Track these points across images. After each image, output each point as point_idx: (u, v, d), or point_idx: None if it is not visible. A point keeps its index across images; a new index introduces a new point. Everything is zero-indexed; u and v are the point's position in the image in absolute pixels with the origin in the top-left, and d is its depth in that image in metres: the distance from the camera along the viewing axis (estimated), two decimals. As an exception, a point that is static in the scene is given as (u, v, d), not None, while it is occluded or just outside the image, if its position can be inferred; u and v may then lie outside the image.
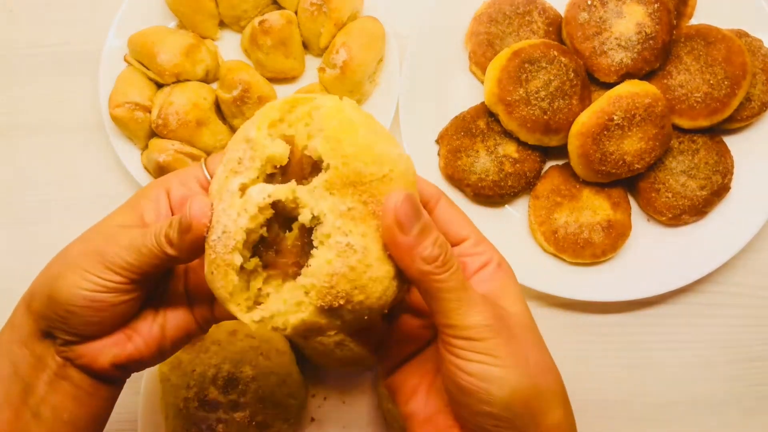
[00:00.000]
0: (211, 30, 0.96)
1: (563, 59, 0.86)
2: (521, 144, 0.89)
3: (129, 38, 0.91)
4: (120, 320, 0.50)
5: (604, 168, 0.85)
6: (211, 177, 0.52)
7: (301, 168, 0.45)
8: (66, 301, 0.47)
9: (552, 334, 0.90)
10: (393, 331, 0.52)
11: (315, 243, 0.43)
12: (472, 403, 0.44)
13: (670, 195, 0.87)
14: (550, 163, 0.93)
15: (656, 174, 0.88)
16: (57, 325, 0.48)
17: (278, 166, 0.45)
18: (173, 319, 0.52)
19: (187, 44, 0.90)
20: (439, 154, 0.92)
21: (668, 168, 0.88)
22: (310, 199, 0.43)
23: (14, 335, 0.50)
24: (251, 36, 0.91)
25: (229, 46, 0.97)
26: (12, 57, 1.00)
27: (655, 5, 0.85)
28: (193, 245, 0.45)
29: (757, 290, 0.92)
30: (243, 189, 0.44)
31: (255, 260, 0.45)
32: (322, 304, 0.42)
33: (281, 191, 0.43)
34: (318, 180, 0.43)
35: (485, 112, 0.91)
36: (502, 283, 0.49)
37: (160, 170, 0.87)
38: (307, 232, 0.44)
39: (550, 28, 0.92)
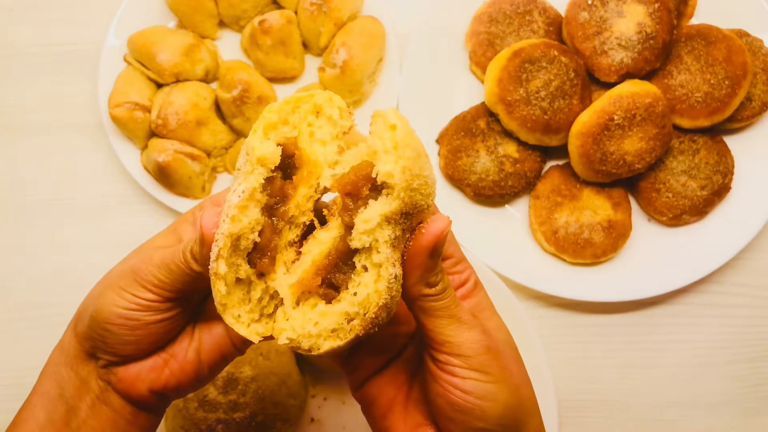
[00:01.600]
0: (211, 30, 0.95)
1: (563, 59, 0.86)
2: (521, 144, 0.89)
3: (129, 38, 0.91)
4: (156, 341, 0.50)
5: (604, 168, 0.85)
6: None
7: (310, 172, 0.44)
8: (104, 319, 0.48)
9: (552, 334, 0.91)
10: (367, 341, 0.52)
11: (358, 266, 0.42)
12: (466, 420, 0.45)
13: (670, 195, 0.87)
14: (550, 163, 0.92)
15: (657, 174, 0.88)
16: (98, 344, 0.49)
17: (274, 170, 0.43)
18: (209, 342, 0.51)
19: (187, 44, 0.90)
20: (439, 154, 0.92)
21: (669, 168, 0.88)
22: (366, 224, 0.41)
23: (62, 357, 0.51)
24: (251, 36, 0.91)
25: (228, 46, 0.97)
26: (12, 57, 1.00)
27: (656, 5, 0.85)
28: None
29: (757, 290, 0.92)
30: None
31: (247, 269, 0.43)
32: (362, 333, 0.42)
33: (251, 183, 0.42)
34: (379, 209, 0.41)
35: (485, 111, 0.91)
36: (478, 299, 0.50)
37: (159, 170, 0.87)
38: (341, 251, 0.43)
39: (551, 28, 0.92)
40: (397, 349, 0.52)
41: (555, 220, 0.88)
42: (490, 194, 0.89)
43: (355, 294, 0.42)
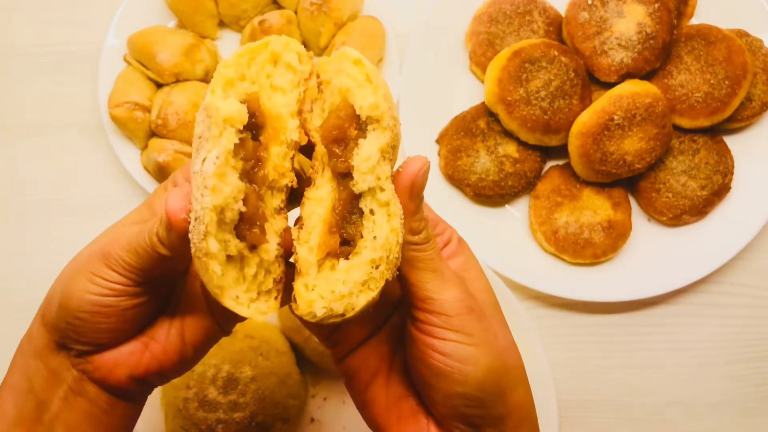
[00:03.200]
0: (211, 30, 0.95)
1: (563, 59, 0.86)
2: (521, 144, 0.89)
3: (128, 38, 0.91)
4: (132, 327, 0.47)
5: (604, 168, 0.85)
6: None
7: (276, 128, 0.40)
8: (75, 307, 0.45)
9: (552, 334, 0.91)
10: None
11: (366, 210, 0.39)
12: (446, 386, 0.44)
13: (670, 195, 0.87)
14: (550, 163, 0.92)
15: (657, 174, 0.88)
16: (69, 334, 0.46)
17: (243, 129, 0.39)
18: (192, 322, 0.48)
19: (187, 44, 0.90)
20: (439, 154, 0.92)
21: (669, 168, 0.88)
22: (368, 163, 0.39)
23: (30, 348, 0.48)
24: (251, 36, 0.91)
25: (228, 46, 0.97)
26: (12, 57, 1.00)
27: (656, 5, 0.85)
28: (181, 243, 0.41)
29: (757, 290, 0.92)
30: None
31: (237, 243, 0.39)
32: (390, 277, 0.39)
33: (224, 147, 0.37)
34: (375, 144, 0.38)
35: (485, 111, 0.91)
36: (464, 258, 0.48)
37: (159, 170, 0.87)
38: (345, 201, 0.40)
39: (551, 28, 0.92)
40: (381, 319, 0.50)
41: (555, 220, 0.88)
42: (490, 194, 0.89)
43: (374, 237, 0.39)
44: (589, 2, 0.87)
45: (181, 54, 0.89)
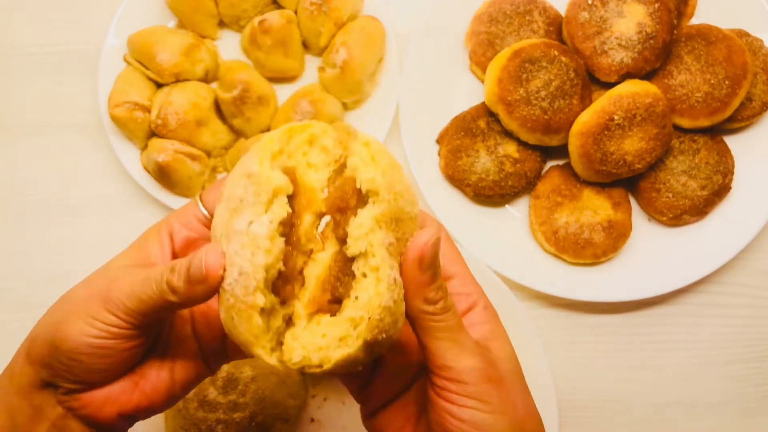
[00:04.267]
0: (211, 30, 0.95)
1: (564, 59, 0.86)
2: (521, 144, 0.89)
3: (128, 38, 0.91)
4: (125, 366, 0.48)
5: (604, 168, 0.85)
6: (208, 212, 0.51)
7: (309, 199, 0.45)
8: (72, 348, 0.45)
9: (552, 334, 0.90)
10: (379, 370, 0.51)
11: (358, 273, 0.43)
12: None
13: (670, 195, 0.87)
14: (550, 163, 0.92)
15: (657, 174, 0.88)
16: (61, 373, 0.46)
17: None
18: (182, 363, 0.50)
19: (187, 44, 0.90)
20: (439, 154, 0.92)
21: (669, 168, 0.88)
22: (360, 230, 0.43)
23: (13, 385, 0.48)
24: (251, 36, 0.91)
25: (228, 46, 0.97)
26: (12, 57, 1.00)
27: (656, 5, 0.85)
28: (204, 294, 0.44)
29: (757, 290, 0.92)
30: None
31: (272, 298, 0.43)
32: (370, 338, 0.42)
33: (278, 214, 0.43)
34: (369, 213, 0.43)
35: (485, 111, 0.91)
36: (491, 326, 0.49)
37: (159, 170, 0.87)
38: (340, 264, 0.44)
39: (551, 28, 0.92)
40: (408, 379, 0.51)
41: (555, 220, 0.88)
42: (490, 194, 0.89)
43: (357, 298, 0.42)
44: (589, 2, 0.87)
45: (181, 54, 0.89)
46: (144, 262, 0.49)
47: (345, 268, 0.44)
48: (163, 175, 0.87)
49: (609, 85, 0.87)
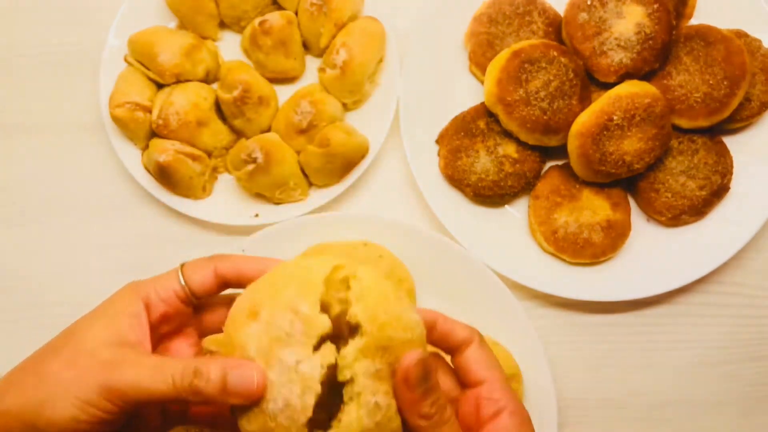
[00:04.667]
0: (212, 30, 0.96)
1: (563, 59, 0.86)
2: (521, 144, 0.89)
3: (129, 38, 0.91)
4: None
5: (603, 168, 0.85)
6: (188, 286, 0.52)
7: (339, 329, 0.50)
8: (57, 431, 0.45)
9: (552, 334, 0.91)
10: None
11: (345, 399, 0.47)
12: None
13: (669, 195, 0.87)
14: (550, 163, 0.93)
15: (656, 174, 0.88)
16: None
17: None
18: None
19: (188, 44, 0.90)
20: (439, 154, 0.92)
21: (668, 168, 0.88)
22: (345, 360, 0.47)
23: None
24: (251, 36, 0.91)
25: (229, 47, 0.97)
26: (12, 57, 1.01)
27: (655, 6, 0.86)
28: (232, 403, 0.45)
29: (757, 290, 0.92)
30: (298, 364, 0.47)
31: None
32: None
33: (327, 359, 0.47)
34: (354, 345, 0.47)
35: (485, 112, 0.91)
36: None
37: (160, 170, 0.87)
38: (333, 389, 0.48)
39: (550, 29, 0.92)
40: None
41: (554, 220, 0.88)
42: (489, 194, 0.89)
43: (339, 420, 0.47)
44: (589, 3, 0.87)
45: (181, 54, 0.89)
46: (119, 339, 0.49)
47: (336, 392, 0.48)
48: (164, 175, 0.87)
49: (608, 86, 0.87)
